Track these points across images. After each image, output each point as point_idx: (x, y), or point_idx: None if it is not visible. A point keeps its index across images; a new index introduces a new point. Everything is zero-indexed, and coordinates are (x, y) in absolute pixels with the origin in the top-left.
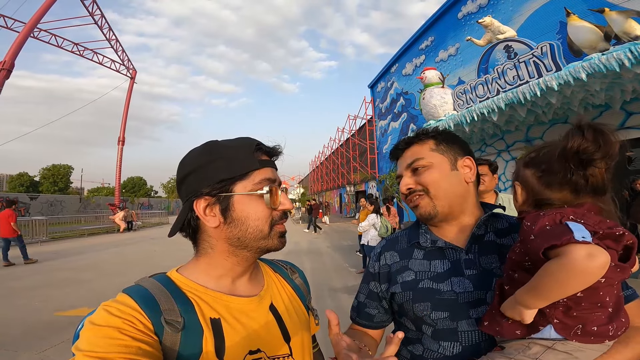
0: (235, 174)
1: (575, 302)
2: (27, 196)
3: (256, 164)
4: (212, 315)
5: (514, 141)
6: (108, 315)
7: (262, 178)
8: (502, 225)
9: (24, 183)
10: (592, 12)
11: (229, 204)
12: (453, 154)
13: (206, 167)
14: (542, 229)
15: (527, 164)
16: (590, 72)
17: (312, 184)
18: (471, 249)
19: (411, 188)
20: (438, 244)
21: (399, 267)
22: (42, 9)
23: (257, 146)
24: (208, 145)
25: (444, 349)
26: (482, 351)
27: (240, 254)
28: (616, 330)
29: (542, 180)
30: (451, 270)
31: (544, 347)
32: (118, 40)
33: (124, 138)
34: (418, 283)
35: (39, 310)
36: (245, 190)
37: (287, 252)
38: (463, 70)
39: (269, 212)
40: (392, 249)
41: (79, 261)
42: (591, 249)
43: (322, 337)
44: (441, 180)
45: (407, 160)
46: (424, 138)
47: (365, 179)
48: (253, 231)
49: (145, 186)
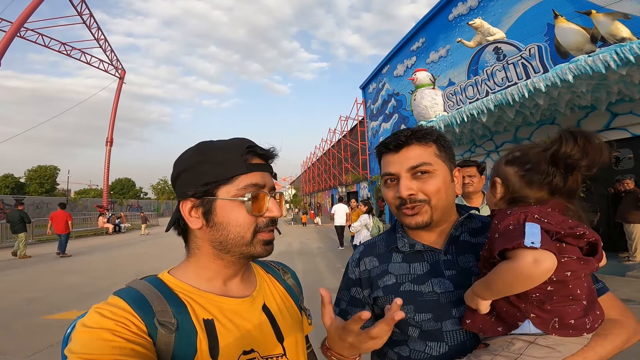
0: (220, 177)
1: (547, 295)
2: (12, 198)
3: (243, 168)
4: (205, 317)
5: (503, 142)
6: (100, 318)
7: (247, 183)
8: (475, 225)
9: (9, 184)
10: (579, 14)
11: (211, 208)
12: (450, 164)
13: (194, 168)
14: (505, 229)
15: (510, 162)
16: (577, 73)
17: (304, 185)
18: (449, 250)
19: (413, 195)
20: (416, 248)
21: (379, 272)
22: (30, 8)
23: (247, 148)
24: (199, 146)
25: (431, 349)
26: (468, 349)
27: (225, 257)
28: (593, 323)
29: (524, 179)
30: (431, 272)
31: (526, 343)
32: (107, 40)
33: (112, 139)
34: (399, 286)
35: (27, 314)
36: (228, 195)
37: (279, 253)
38: (453, 71)
39: (251, 219)
40: (371, 254)
41: (66, 263)
42: (537, 255)
43: (314, 337)
44: (443, 191)
45: (410, 161)
46: (428, 140)
47: (357, 179)
48: (234, 237)
49: (134, 188)
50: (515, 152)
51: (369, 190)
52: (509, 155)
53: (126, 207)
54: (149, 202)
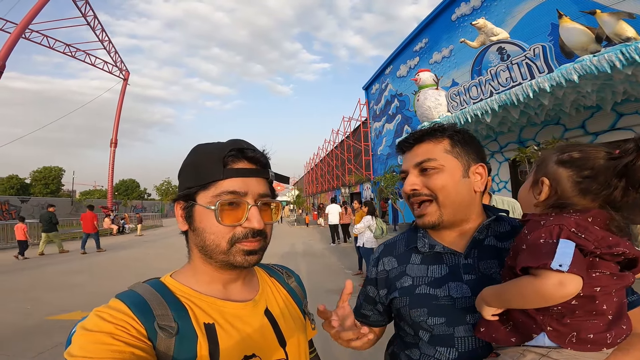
0: (199, 183)
1: (569, 310)
2: (17, 199)
3: (219, 174)
4: (206, 321)
5: (507, 142)
6: (100, 321)
7: (223, 190)
8: (504, 229)
9: (14, 185)
10: (584, 14)
11: (192, 212)
12: (467, 159)
13: (184, 171)
14: (535, 242)
15: (564, 163)
16: (582, 73)
17: (307, 185)
18: (470, 253)
19: (417, 190)
20: (436, 249)
21: (397, 273)
22: (34, 10)
23: (230, 152)
24: (194, 148)
25: (440, 354)
26: (479, 357)
27: (211, 262)
28: (615, 338)
29: (579, 185)
30: (449, 276)
31: (538, 355)
32: (111, 42)
33: (116, 140)
34: (415, 289)
35: (31, 314)
36: (204, 202)
37: (282, 254)
38: (457, 72)
39: (224, 229)
40: (390, 254)
41: (71, 264)
42: (563, 278)
43: (319, 341)
44: (451, 187)
45: (416, 157)
46: (439, 136)
47: (360, 180)
48: (210, 244)
49: (139, 188)
50: (574, 153)
51: (372, 191)
52: (564, 154)
53: (130, 208)
54: (152, 202)
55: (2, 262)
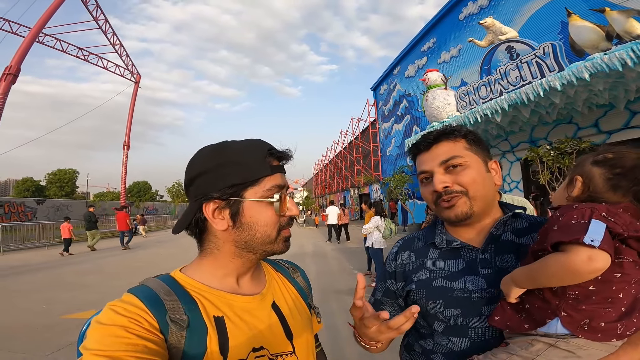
0: (247, 179)
1: (586, 295)
2: (33, 201)
3: (267, 170)
4: (215, 314)
5: (519, 142)
6: (114, 315)
7: (272, 185)
8: (521, 225)
9: (29, 188)
10: (593, 11)
11: (239, 209)
12: (483, 156)
13: (217, 170)
14: (566, 222)
15: (598, 163)
16: (593, 71)
17: (316, 187)
18: (487, 248)
19: (448, 187)
20: (454, 244)
21: (414, 267)
22: (47, 14)
23: (269, 151)
24: (219, 147)
25: (453, 344)
26: (490, 347)
27: (246, 256)
28: (625, 330)
29: (610, 182)
30: (466, 269)
31: (546, 345)
32: (122, 45)
33: (129, 142)
34: (432, 281)
35: (45, 313)
36: (255, 197)
37: (291, 255)
38: (465, 71)
39: (277, 219)
40: (409, 249)
41: (85, 264)
42: (593, 253)
43: (329, 340)
44: (479, 181)
45: (439, 156)
46: (456, 135)
47: (369, 181)
48: (261, 236)
49: (150, 190)
50: (608, 154)
51: (382, 192)
52: (598, 155)
53: (143, 209)
54: (164, 204)
55: (25, 261)
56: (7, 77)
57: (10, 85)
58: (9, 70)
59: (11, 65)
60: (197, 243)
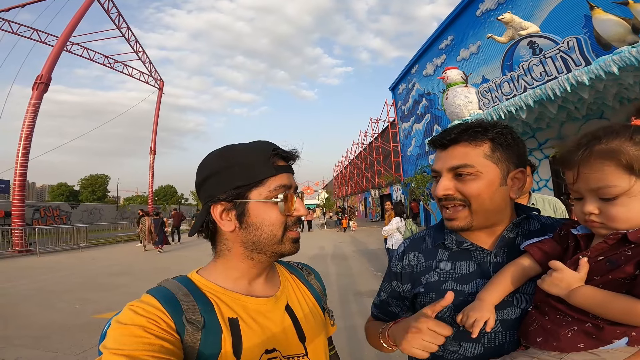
0: (251, 180)
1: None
2: (68, 205)
3: (272, 170)
4: (230, 315)
5: (546, 139)
6: (134, 315)
7: (277, 185)
8: (533, 227)
9: (64, 192)
10: (617, 4)
11: (244, 210)
12: (507, 165)
13: (223, 172)
14: None
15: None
16: (622, 65)
17: (337, 188)
18: (500, 252)
19: (450, 195)
20: (464, 246)
21: (423, 269)
22: (73, 22)
23: (273, 151)
24: (225, 150)
25: (465, 349)
26: (505, 352)
27: (256, 257)
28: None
29: None
30: (478, 273)
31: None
32: (145, 52)
33: (155, 148)
34: (442, 284)
35: (79, 313)
36: (260, 197)
37: (312, 256)
38: (486, 68)
39: (282, 219)
40: (417, 250)
41: (116, 266)
42: None
43: (346, 342)
44: (487, 195)
45: (452, 160)
46: (480, 138)
47: (390, 182)
48: (267, 236)
49: (176, 194)
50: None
51: (403, 192)
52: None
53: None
54: (189, 207)
55: (59, 262)
56: (39, 86)
57: (42, 94)
58: (41, 79)
59: (42, 74)
60: (211, 245)
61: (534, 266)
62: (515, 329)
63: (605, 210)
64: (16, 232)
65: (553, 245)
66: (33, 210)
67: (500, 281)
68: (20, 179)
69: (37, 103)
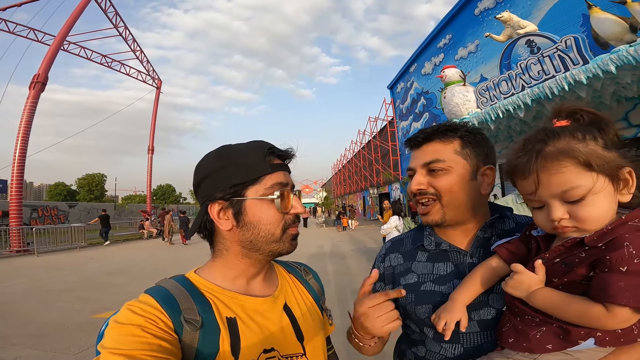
0: (247, 178)
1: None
2: (66, 204)
3: (267, 168)
4: (228, 315)
5: None
6: (131, 314)
7: (273, 182)
8: (508, 227)
9: (61, 192)
10: (615, 3)
11: (241, 208)
12: (476, 161)
13: (219, 172)
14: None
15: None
16: (620, 64)
17: (335, 187)
18: (475, 252)
19: (423, 189)
20: (442, 247)
21: (402, 270)
22: (70, 21)
23: (268, 150)
24: (221, 150)
25: (445, 350)
26: (484, 352)
27: (253, 256)
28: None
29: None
30: (454, 273)
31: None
32: (142, 51)
33: (153, 147)
34: (420, 285)
35: (77, 312)
36: (256, 195)
37: (310, 255)
38: (485, 67)
39: (280, 216)
40: (397, 251)
41: (114, 265)
42: (633, 317)
43: (336, 339)
44: (458, 188)
45: (425, 157)
46: (450, 136)
47: (389, 181)
48: (265, 235)
49: (175, 193)
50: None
51: (401, 191)
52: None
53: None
54: (188, 206)
55: (58, 262)
56: (36, 85)
57: (39, 93)
58: (37, 78)
59: (39, 73)
60: (209, 245)
61: (504, 266)
62: (493, 329)
63: (574, 213)
64: (14, 231)
65: (519, 245)
66: (31, 209)
67: (471, 281)
68: (17, 179)
69: (34, 102)
